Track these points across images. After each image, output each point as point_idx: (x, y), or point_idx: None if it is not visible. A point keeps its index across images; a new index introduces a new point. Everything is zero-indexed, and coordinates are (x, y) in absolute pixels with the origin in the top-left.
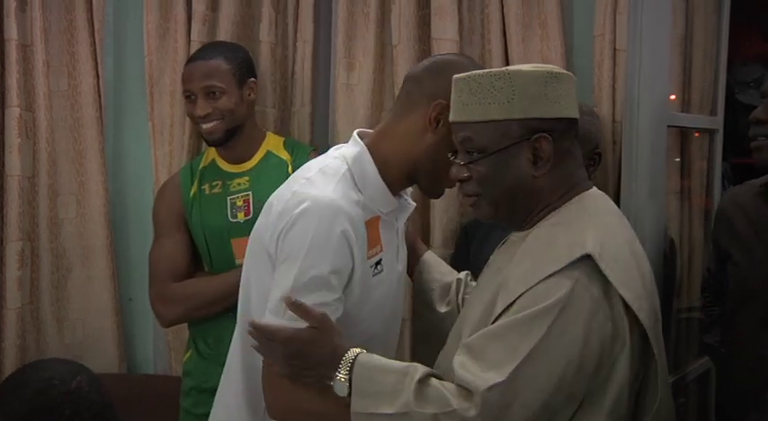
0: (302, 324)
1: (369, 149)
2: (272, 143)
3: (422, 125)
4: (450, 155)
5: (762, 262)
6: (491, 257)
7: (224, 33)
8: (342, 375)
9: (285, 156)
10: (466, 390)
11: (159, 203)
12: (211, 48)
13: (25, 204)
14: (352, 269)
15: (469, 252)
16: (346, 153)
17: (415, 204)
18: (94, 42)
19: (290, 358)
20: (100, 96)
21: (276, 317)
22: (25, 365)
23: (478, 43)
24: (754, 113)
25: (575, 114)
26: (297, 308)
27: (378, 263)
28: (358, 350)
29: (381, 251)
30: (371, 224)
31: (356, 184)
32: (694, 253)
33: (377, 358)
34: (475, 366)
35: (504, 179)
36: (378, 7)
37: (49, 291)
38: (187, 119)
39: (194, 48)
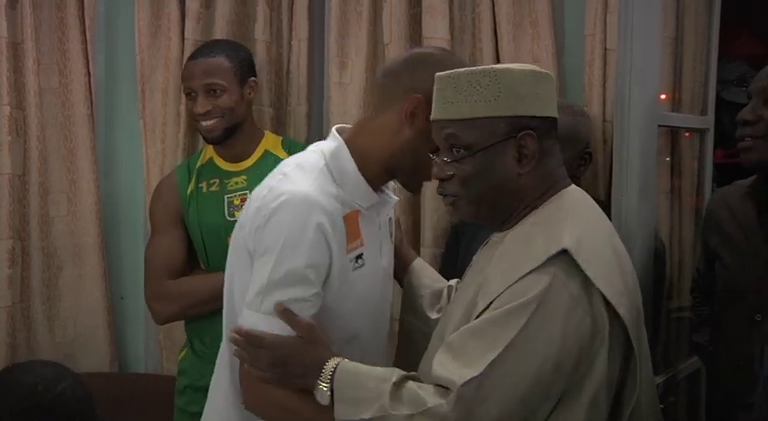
0: (279, 322)
1: (347, 144)
2: (271, 142)
3: (398, 120)
4: (432, 155)
5: (750, 263)
6: (473, 258)
7: (219, 31)
8: (323, 384)
9: (283, 155)
10: (443, 388)
11: (156, 200)
12: (214, 45)
13: (16, 202)
14: (330, 263)
15: (459, 251)
16: (324, 148)
17: (397, 198)
18: (85, 40)
19: (275, 366)
20: (91, 94)
21: (252, 312)
22: (10, 367)
23: (469, 42)
24: (741, 114)
25: (553, 113)
26: (285, 316)
27: (358, 257)
28: (339, 359)
29: (362, 245)
30: (350, 218)
31: (334, 179)
32: (685, 252)
33: (358, 365)
34: (453, 363)
35: (489, 177)
36: (370, 5)
37: (40, 290)
38: (181, 117)
39: (188, 46)
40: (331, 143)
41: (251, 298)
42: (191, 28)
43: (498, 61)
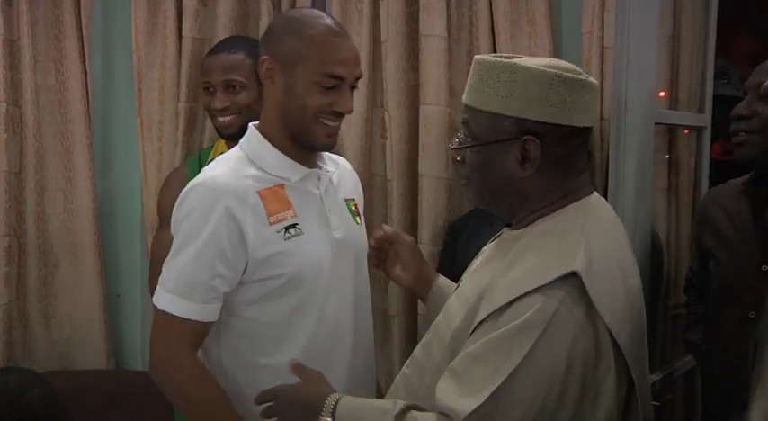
0: (185, 303)
1: (258, 129)
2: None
3: (266, 85)
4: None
5: (744, 261)
6: (483, 250)
7: (221, 28)
8: (326, 418)
9: None
10: (445, 416)
11: (165, 193)
12: (234, 41)
13: (12, 200)
14: (244, 240)
15: (457, 249)
16: (241, 140)
17: (333, 169)
18: (82, 37)
19: (281, 411)
20: (87, 92)
21: (163, 292)
22: None
23: (466, 40)
24: (736, 109)
25: (581, 123)
26: (295, 369)
27: (290, 227)
28: (340, 394)
29: (294, 216)
30: (272, 192)
31: (250, 161)
32: (682, 249)
33: (358, 399)
34: (456, 390)
35: (490, 172)
36: (370, 3)
37: (37, 288)
38: (180, 115)
39: (186, 43)
40: (246, 134)
41: (162, 277)
42: (188, 25)
43: None
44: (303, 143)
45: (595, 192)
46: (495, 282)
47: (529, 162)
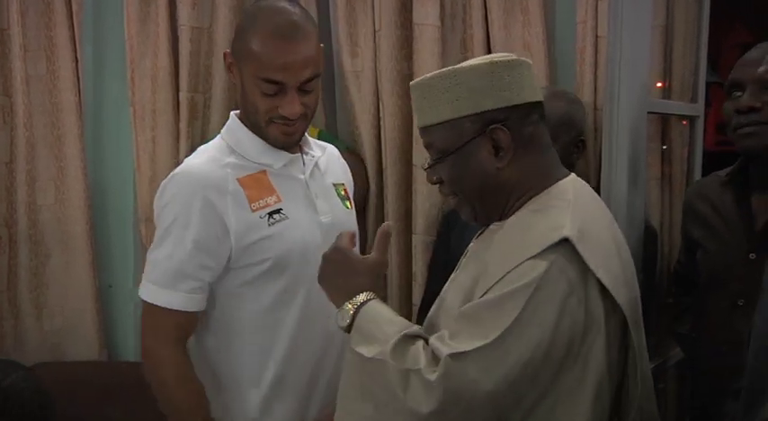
0: (171, 294)
1: (239, 117)
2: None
3: (235, 80)
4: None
5: (731, 250)
6: (469, 246)
7: (222, 18)
8: (350, 306)
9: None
10: (435, 356)
11: None
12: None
13: (3, 190)
14: (226, 226)
15: (450, 239)
16: (222, 129)
17: (320, 154)
18: (73, 26)
19: (325, 266)
20: (79, 81)
21: (149, 283)
22: None
23: (460, 29)
24: (743, 101)
25: (531, 98)
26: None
27: (273, 212)
28: (373, 295)
29: (278, 201)
30: (253, 179)
31: (231, 150)
32: (675, 238)
33: (385, 307)
34: (447, 339)
35: (470, 176)
36: None
37: (28, 278)
38: (182, 105)
39: (184, 33)
40: (227, 122)
41: (147, 267)
42: (186, 14)
43: (489, 48)
44: (262, 138)
45: (573, 174)
46: (488, 262)
47: (503, 151)
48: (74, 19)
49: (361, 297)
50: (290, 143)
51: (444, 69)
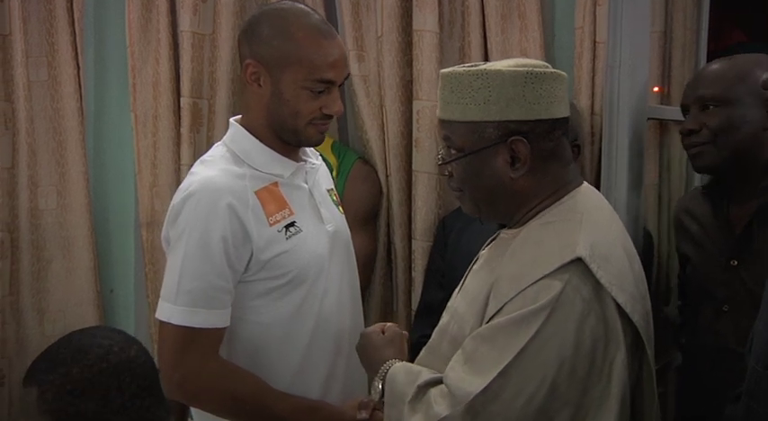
0: (192, 313)
1: (243, 126)
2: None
3: (251, 88)
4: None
5: (713, 258)
6: (481, 253)
7: (224, 23)
8: (378, 381)
9: (332, 159)
10: (451, 393)
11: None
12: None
13: (5, 195)
14: (250, 239)
15: (447, 244)
16: (225, 138)
17: (320, 163)
18: (74, 32)
19: (359, 348)
20: (80, 87)
21: (169, 304)
22: (71, 334)
23: (458, 35)
24: (684, 124)
25: (559, 114)
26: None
27: (290, 225)
28: (397, 361)
29: (291, 214)
30: (268, 191)
31: (239, 160)
32: (672, 245)
33: (402, 365)
34: (463, 368)
35: (482, 180)
36: None
37: (30, 283)
38: (183, 110)
39: (185, 38)
40: (229, 131)
41: (166, 289)
42: (188, 20)
43: (487, 54)
44: (293, 142)
45: (586, 183)
46: (500, 276)
47: (519, 162)
48: (75, 25)
49: (385, 367)
50: (321, 141)
51: (475, 67)
